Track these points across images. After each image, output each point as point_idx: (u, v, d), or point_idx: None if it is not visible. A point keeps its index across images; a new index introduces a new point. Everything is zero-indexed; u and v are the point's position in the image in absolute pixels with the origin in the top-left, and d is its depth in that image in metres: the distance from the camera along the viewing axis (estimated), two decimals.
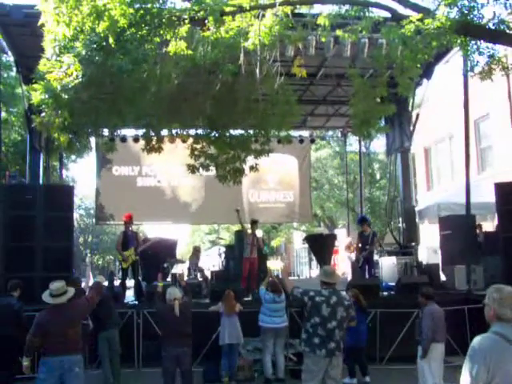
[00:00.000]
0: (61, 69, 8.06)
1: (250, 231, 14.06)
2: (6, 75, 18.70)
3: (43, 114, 8.86)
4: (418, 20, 7.83)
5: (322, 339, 6.46)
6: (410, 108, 16.95)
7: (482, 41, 8.22)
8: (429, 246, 18.88)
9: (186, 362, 8.16)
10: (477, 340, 3.60)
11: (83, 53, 8.01)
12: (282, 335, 10.41)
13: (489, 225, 16.78)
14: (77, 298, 7.20)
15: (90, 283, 8.47)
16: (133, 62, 7.89)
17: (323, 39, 9.89)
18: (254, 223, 14.19)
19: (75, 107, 8.59)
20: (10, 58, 16.86)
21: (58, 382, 6.34)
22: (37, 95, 8.35)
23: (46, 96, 8.22)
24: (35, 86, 8.41)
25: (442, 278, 14.19)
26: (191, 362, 8.50)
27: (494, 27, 7.92)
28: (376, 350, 11.36)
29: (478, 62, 8.47)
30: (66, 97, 8.23)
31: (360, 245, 14.48)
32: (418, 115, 17.10)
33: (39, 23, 8.28)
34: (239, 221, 14.32)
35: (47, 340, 6.45)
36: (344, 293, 7.08)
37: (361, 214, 21.18)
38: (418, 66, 8.84)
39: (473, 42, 8.25)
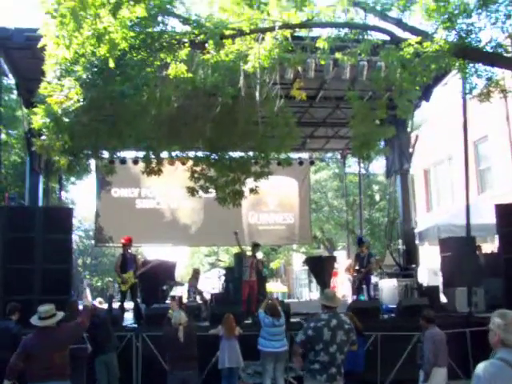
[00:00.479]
0: (61, 92, 8.10)
1: (249, 253, 14.02)
2: (6, 98, 18.76)
3: (43, 137, 8.89)
4: (416, 43, 7.91)
5: (323, 365, 6.37)
6: (409, 130, 17.00)
7: (480, 64, 8.28)
8: (429, 267, 18.79)
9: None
10: (481, 367, 3.54)
11: (84, 76, 8.06)
12: (282, 359, 10.31)
13: (489, 246, 16.74)
14: (66, 321, 7.09)
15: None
16: (134, 87, 7.93)
17: (322, 62, 9.94)
18: (255, 246, 14.17)
19: (75, 130, 8.60)
20: (10, 80, 16.96)
21: None
22: (37, 119, 8.38)
23: (47, 120, 8.24)
24: (36, 109, 8.44)
25: (443, 300, 14.11)
26: None
27: (491, 50, 7.99)
28: (377, 374, 11.24)
29: (476, 84, 8.54)
30: (67, 120, 8.25)
31: (357, 267, 14.45)
32: (417, 137, 17.16)
33: (39, 45, 8.33)
34: (238, 243, 14.27)
35: (31, 364, 6.21)
36: (345, 316, 7.00)
37: (359, 235, 21.15)
38: (417, 88, 8.89)
39: (471, 64, 8.33)
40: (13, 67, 13.79)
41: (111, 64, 7.71)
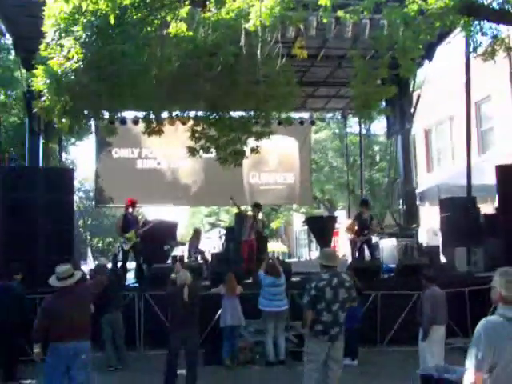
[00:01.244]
0: (61, 53, 7.99)
1: (250, 213, 14.05)
2: (3, 58, 18.54)
3: (43, 99, 8.79)
4: (420, 0, 7.76)
5: (326, 325, 6.46)
6: (410, 89, 16.86)
7: (485, 21, 8.15)
8: (429, 228, 18.88)
9: (193, 342, 8.24)
10: (481, 323, 3.60)
11: (83, 36, 7.94)
12: (283, 318, 10.45)
13: (489, 207, 16.76)
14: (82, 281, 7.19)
15: (91, 265, 8.49)
16: (135, 46, 7.82)
17: (324, 20, 9.77)
18: (256, 207, 14.15)
19: (76, 91, 8.52)
20: (8, 40, 16.75)
21: (65, 368, 6.26)
22: (38, 81, 8.29)
23: (47, 81, 8.15)
24: (36, 71, 8.34)
25: (443, 259, 14.21)
26: (197, 343, 8.55)
27: (498, 7, 7.85)
28: (377, 332, 11.41)
29: (480, 42, 8.43)
30: (67, 81, 8.16)
31: (356, 227, 14.43)
32: (418, 97, 17.01)
33: None
34: (236, 206, 14.33)
35: (54, 325, 6.30)
36: (345, 274, 7.07)
37: (361, 196, 21.20)
38: (420, 46, 8.76)
39: (476, 22, 8.19)
40: (10, 26, 13.61)
41: (111, 20, 7.59)
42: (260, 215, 15.07)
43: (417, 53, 9.03)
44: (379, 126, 30.81)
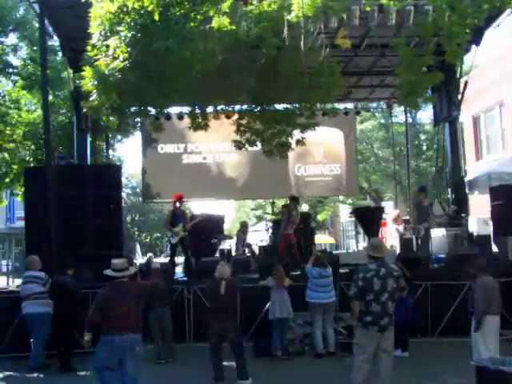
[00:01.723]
0: (107, 53, 8.14)
1: (285, 206, 14.03)
2: (52, 59, 18.93)
3: (91, 98, 8.96)
4: None
5: (375, 315, 6.42)
6: (457, 76, 16.50)
7: None
8: (479, 216, 18.47)
9: (232, 335, 8.30)
10: None
11: (129, 35, 8.05)
12: (331, 310, 10.40)
13: None
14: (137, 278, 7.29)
15: (140, 260, 8.68)
16: (178, 42, 7.88)
17: (367, 8, 9.68)
18: (292, 199, 14.12)
19: (123, 89, 8.66)
20: (55, 42, 17.09)
21: (118, 360, 6.35)
22: (86, 82, 8.46)
23: (95, 82, 8.31)
24: (83, 73, 8.51)
25: (494, 249, 13.91)
26: (239, 334, 8.62)
27: None
28: (428, 323, 11.25)
29: None
30: (114, 80, 8.30)
31: (416, 215, 14.05)
32: (466, 83, 16.62)
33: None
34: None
35: (108, 317, 6.41)
36: (392, 264, 7.00)
37: (408, 186, 20.92)
38: (467, 31, 8.57)
39: None
40: (56, 28, 13.88)
41: (156, 17, 7.67)
42: (305, 207, 14.99)
43: (463, 38, 8.85)
44: (425, 114, 30.40)
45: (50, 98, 17.13)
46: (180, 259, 14.91)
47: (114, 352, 6.33)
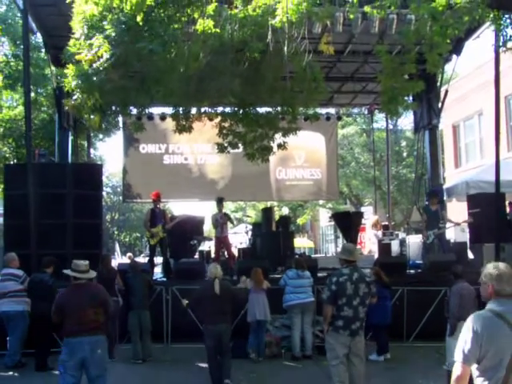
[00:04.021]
0: (90, 51, 8.12)
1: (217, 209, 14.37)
2: (35, 56, 18.81)
3: (74, 97, 8.93)
4: None
5: (347, 319, 6.47)
6: (438, 84, 16.72)
7: None
8: None
9: (226, 339, 8.23)
10: (471, 318, 3.64)
11: (112, 34, 8.05)
12: (309, 310, 10.41)
13: None
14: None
15: (118, 259, 8.65)
16: (162, 44, 7.90)
17: (351, 16, 9.80)
18: (218, 201, 14.47)
19: (105, 88, 8.65)
20: (38, 39, 16.99)
21: (79, 364, 6.13)
22: (69, 81, 8.43)
23: (79, 81, 8.28)
24: (66, 70, 8.47)
25: (470, 256, 14.08)
26: (230, 335, 8.52)
27: None
28: (403, 328, 11.37)
29: (510, 36, 8.33)
30: (97, 79, 8.29)
31: (425, 221, 13.95)
32: (446, 92, 16.84)
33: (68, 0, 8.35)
34: None
35: (66, 320, 6.26)
36: (366, 270, 7.07)
37: (388, 191, 21.07)
38: (448, 41, 8.71)
39: (506, 15, 8.11)
40: (40, 25, 13.80)
41: (138, 19, 7.69)
42: (285, 210, 15.13)
43: (444, 48, 8.99)
44: (406, 121, 30.64)
45: (32, 95, 17.05)
46: (159, 259, 14.89)
47: (73, 355, 6.11)
